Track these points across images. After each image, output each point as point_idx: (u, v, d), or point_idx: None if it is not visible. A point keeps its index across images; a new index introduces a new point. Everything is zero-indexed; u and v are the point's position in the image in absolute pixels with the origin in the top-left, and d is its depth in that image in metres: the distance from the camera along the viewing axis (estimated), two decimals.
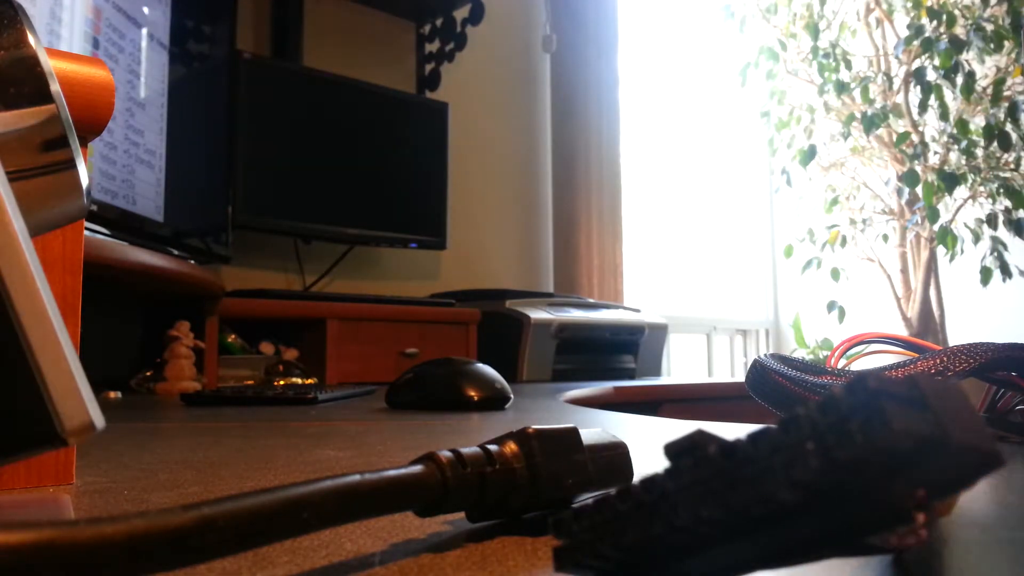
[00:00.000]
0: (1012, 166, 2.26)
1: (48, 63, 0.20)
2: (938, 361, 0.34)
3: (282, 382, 1.23)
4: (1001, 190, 2.24)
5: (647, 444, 0.41)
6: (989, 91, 2.25)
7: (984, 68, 2.32)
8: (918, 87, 2.26)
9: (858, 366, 0.44)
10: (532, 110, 2.27)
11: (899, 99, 2.40)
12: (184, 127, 1.25)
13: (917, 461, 0.10)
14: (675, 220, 2.93)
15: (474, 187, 2.07)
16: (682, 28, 3.01)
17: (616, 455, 0.23)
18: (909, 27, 2.28)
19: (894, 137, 2.37)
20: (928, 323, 2.42)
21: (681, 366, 2.88)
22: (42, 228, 0.21)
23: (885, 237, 2.53)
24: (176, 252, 1.17)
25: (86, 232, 0.37)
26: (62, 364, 0.16)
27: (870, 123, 2.30)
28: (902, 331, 2.41)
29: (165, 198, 1.17)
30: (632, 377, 1.76)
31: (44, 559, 0.11)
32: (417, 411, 0.70)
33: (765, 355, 0.40)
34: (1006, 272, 2.27)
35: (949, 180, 2.18)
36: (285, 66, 1.61)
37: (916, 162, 2.30)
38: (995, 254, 2.29)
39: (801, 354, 2.96)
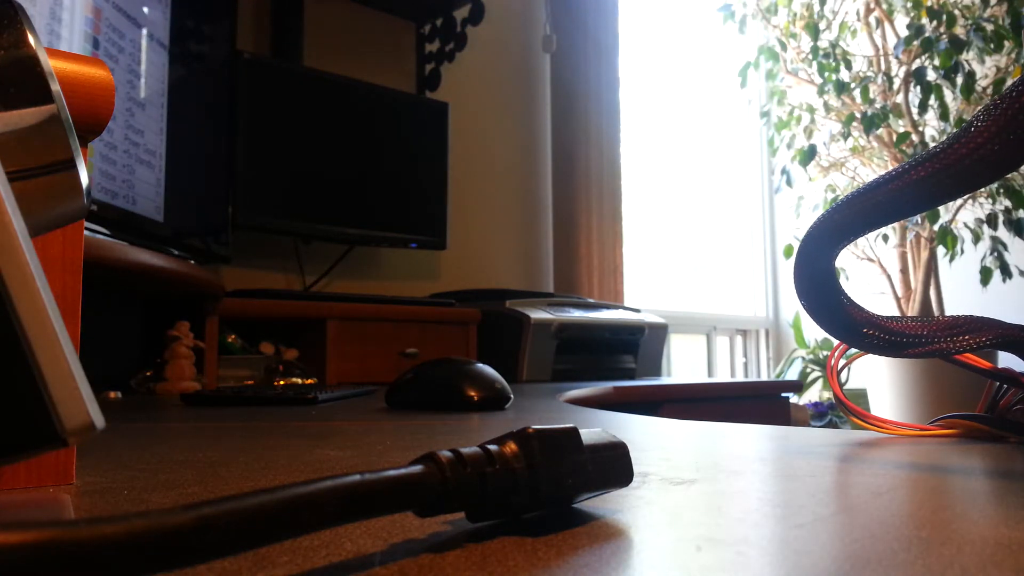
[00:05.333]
0: None
1: (48, 63, 0.20)
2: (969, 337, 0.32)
3: (282, 382, 1.23)
4: (1001, 190, 2.24)
5: (647, 444, 0.41)
6: (989, 91, 2.25)
7: (984, 68, 2.32)
8: (918, 87, 2.26)
9: (859, 365, 0.44)
10: (532, 110, 2.27)
11: (899, 99, 2.40)
12: (184, 127, 1.25)
13: None
14: (675, 220, 2.93)
15: (474, 187, 2.07)
16: (682, 28, 3.01)
17: (616, 455, 0.23)
18: (909, 27, 2.28)
19: (894, 137, 2.37)
20: None
21: (681, 366, 2.88)
22: (42, 228, 0.21)
23: (885, 237, 2.53)
24: (176, 252, 1.17)
25: (86, 232, 0.37)
26: (62, 364, 0.16)
27: (870, 123, 2.30)
28: None
29: (165, 198, 1.17)
30: (632, 377, 1.76)
31: (44, 559, 0.11)
32: (417, 411, 0.70)
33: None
34: (1006, 272, 2.27)
35: None
36: (285, 66, 1.61)
37: None
38: (995, 254, 2.29)
39: (801, 354, 2.97)
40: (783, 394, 1.79)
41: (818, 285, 0.32)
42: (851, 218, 0.30)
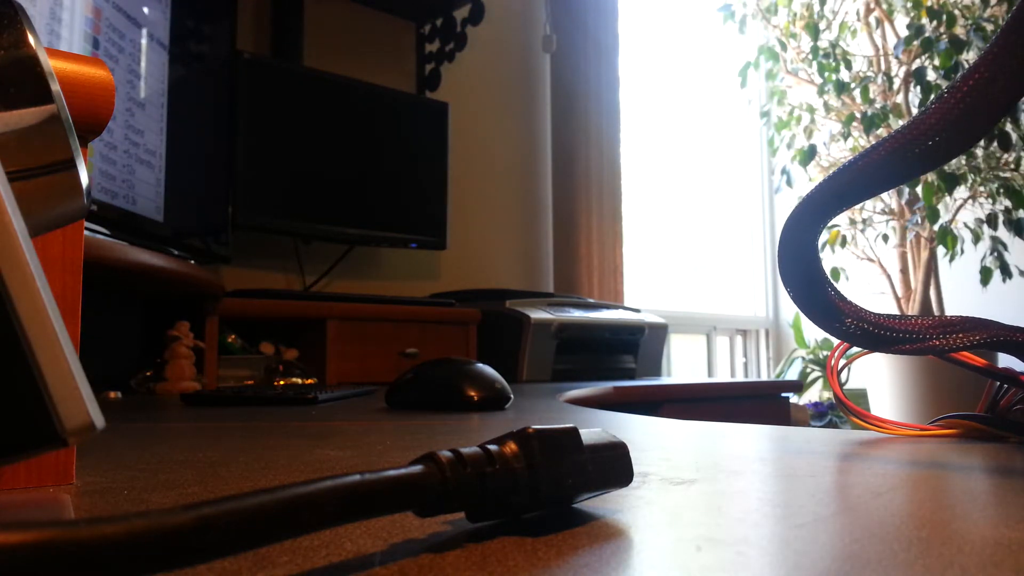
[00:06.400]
0: (1012, 166, 2.26)
1: (48, 63, 0.20)
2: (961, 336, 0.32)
3: (282, 382, 1.23)
4: (1001, 190, 2.24)
5: (647, 444, 0.41)
6: None
7: None
8: (918, 87, 2.26)
9: (859, 365, 0.44)
10: (532, 110, 2.27)
11: (899, 99, 2.40)
12: (184, 127, 1.25)
13: None
14: (675, 220, 2.93)
15: (474, 187, 2.07)
16: (682, 28, 3.01)
17: (616, 455, 0.23)
18: (909, 27, 2.28)
19: None
20: None
21: (681, 366, 2.88)
22: (42, 228, 0.21)
23: (885, 237, 2.53)
24: (176, 252, 1.17)
25: (86, 232, 0.37)
26: (62, 364, 0.16)
27: (870, 123, 2.30)
28: None
29: (165, 198, 1.17)
30: (632, 377, 1.76)
31: (44, 559, 0.11)
32: (417, 411, 0.70)
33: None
34: (1006, 272, 2.27)
35: (949, 180, 2.18)
36: (285, 66, 1.61)
37: None
38: (995, 254, 2.29)
39: (801, 354, 2.97)
40: (783, 394, 1.79)
41: (804, 274, 0.32)
42: (828, 197, 0.30)
